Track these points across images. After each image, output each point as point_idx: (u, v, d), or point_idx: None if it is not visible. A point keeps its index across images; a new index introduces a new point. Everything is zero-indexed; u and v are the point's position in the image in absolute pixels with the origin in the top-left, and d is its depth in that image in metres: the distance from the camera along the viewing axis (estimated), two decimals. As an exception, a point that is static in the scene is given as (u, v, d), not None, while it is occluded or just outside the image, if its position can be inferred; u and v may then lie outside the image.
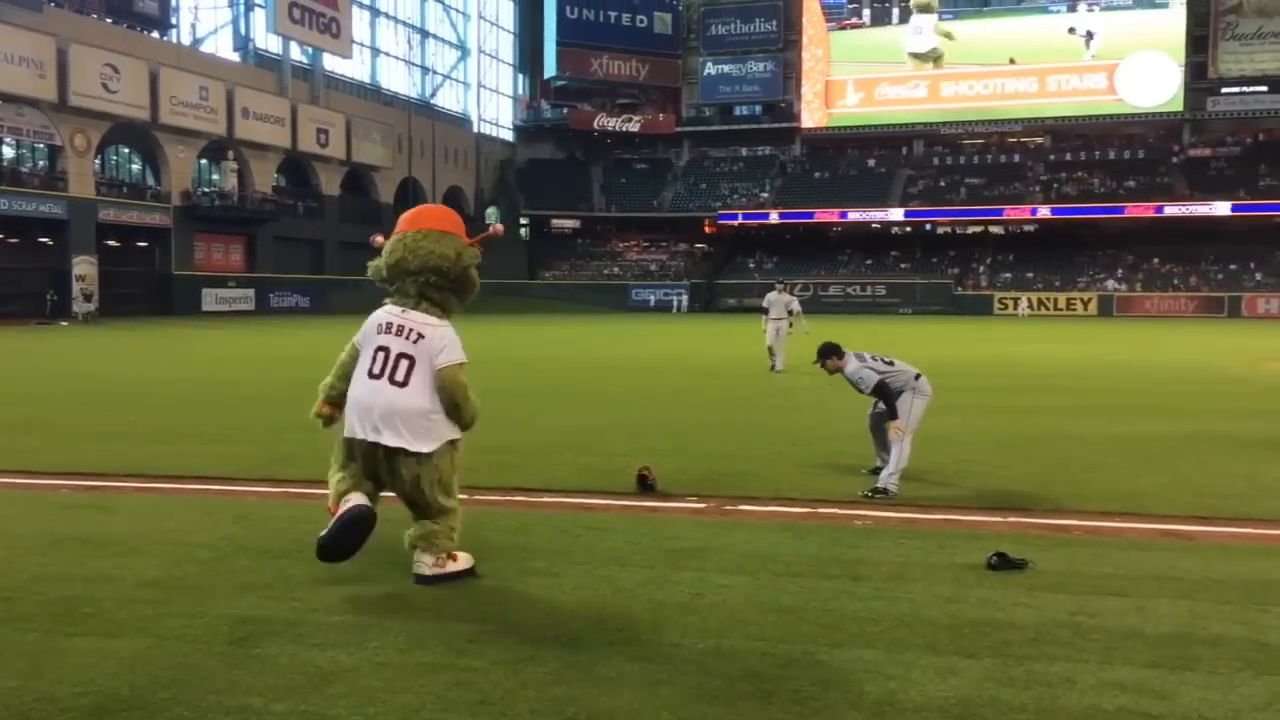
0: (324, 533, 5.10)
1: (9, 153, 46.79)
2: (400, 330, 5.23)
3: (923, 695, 3.84)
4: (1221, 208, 62.17)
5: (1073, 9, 70.69)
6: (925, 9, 72.42)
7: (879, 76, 74.15)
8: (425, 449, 5.13)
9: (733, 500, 7.40)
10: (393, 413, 5.12)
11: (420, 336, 5.22)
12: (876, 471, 7.98)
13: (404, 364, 5.17)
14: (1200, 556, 5.91)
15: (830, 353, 8.15)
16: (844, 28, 75.42)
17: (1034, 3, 72.44)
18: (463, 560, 5.38)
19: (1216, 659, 4.24)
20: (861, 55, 74.21)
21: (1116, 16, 69.58)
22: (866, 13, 75.68)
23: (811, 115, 76.17)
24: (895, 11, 75.05)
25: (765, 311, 19.45)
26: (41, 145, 46.89)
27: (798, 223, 71.34)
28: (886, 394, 7.74)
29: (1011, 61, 70.73)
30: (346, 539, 5.06)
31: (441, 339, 5.25)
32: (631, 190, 78.54)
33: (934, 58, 72.29)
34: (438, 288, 5.36)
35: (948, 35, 72.02)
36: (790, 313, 19.32)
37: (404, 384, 5.14)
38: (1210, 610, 4.89)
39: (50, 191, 45.75)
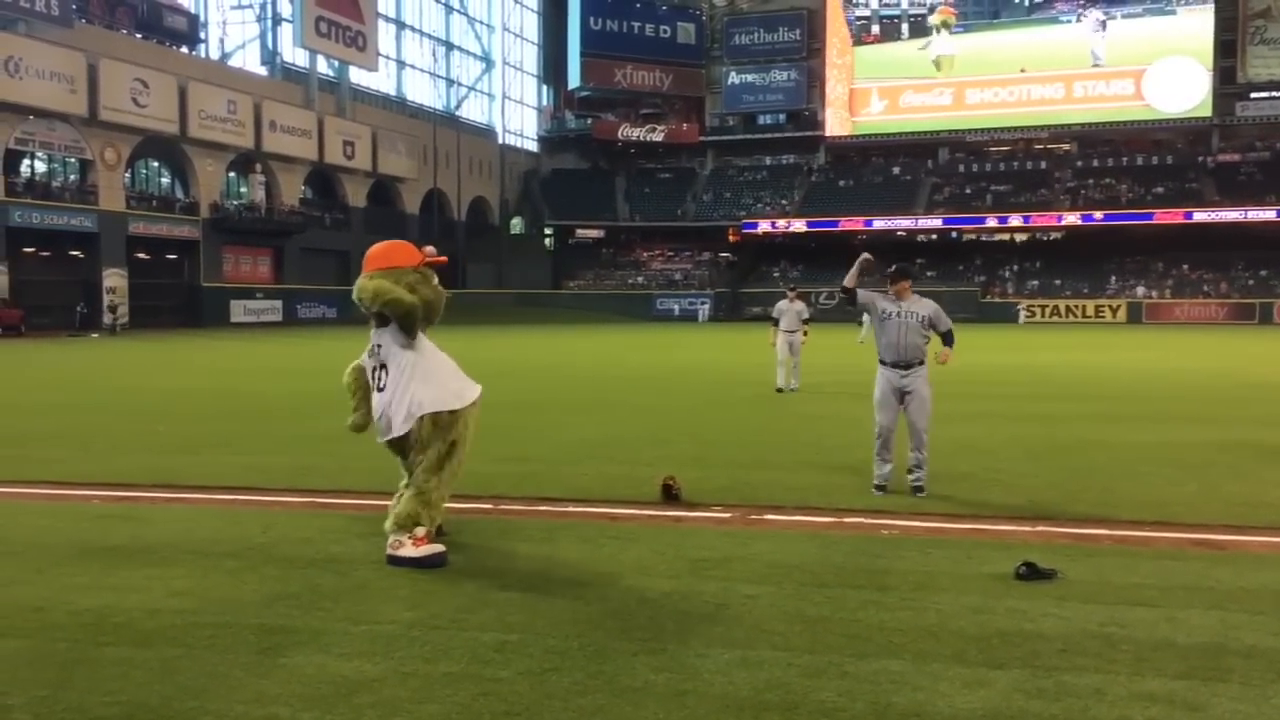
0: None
1: (40, 167, 47.44)
2: (373, 351, 6.16)
3: (950, 707, 3.81)
4: (1252, 213, 61.53)
5: (1081, 20, 70.14)
6: (945, 26, 72.31)
7: (903, 84, 73.92)
8: (403, 430, 5.99)
9: (758, 510, 7.38)
10: (383, 413, 6.06)
11: (379, 346, 6.11)
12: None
13: (380, 373, 6.10)
14: (1232, 566, 5.83)
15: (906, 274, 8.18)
16: (863, 43, 75.26)
17: (1044, 13, 71.98)
18: (423, 549, 5.76)
19: (1249, 670, 4.19)
20: (881, 71, 74.01)
21: (1142, 23, 69.04)
22: (875, 28, 75.48)
23: (836, 123, 76.00)
24: (905, 27, 74.81)
25: (775, 323, 17.07)
26: (72, 159, 47.51)
27: (822, 231, 71.11)
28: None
29: (1022, 71, 70.40)
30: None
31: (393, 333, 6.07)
32: (655, 200, 78.59)
33: (950, 65, 72.35)
34: (390, 317, 6.06)
35: (944, 60, 72.26)
36: (805, 321, 17.13)
37: (381, 389, 6.08)
38: (1243, 621, 4.82)
39: (81, 205, 46.33)
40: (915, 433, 7.95)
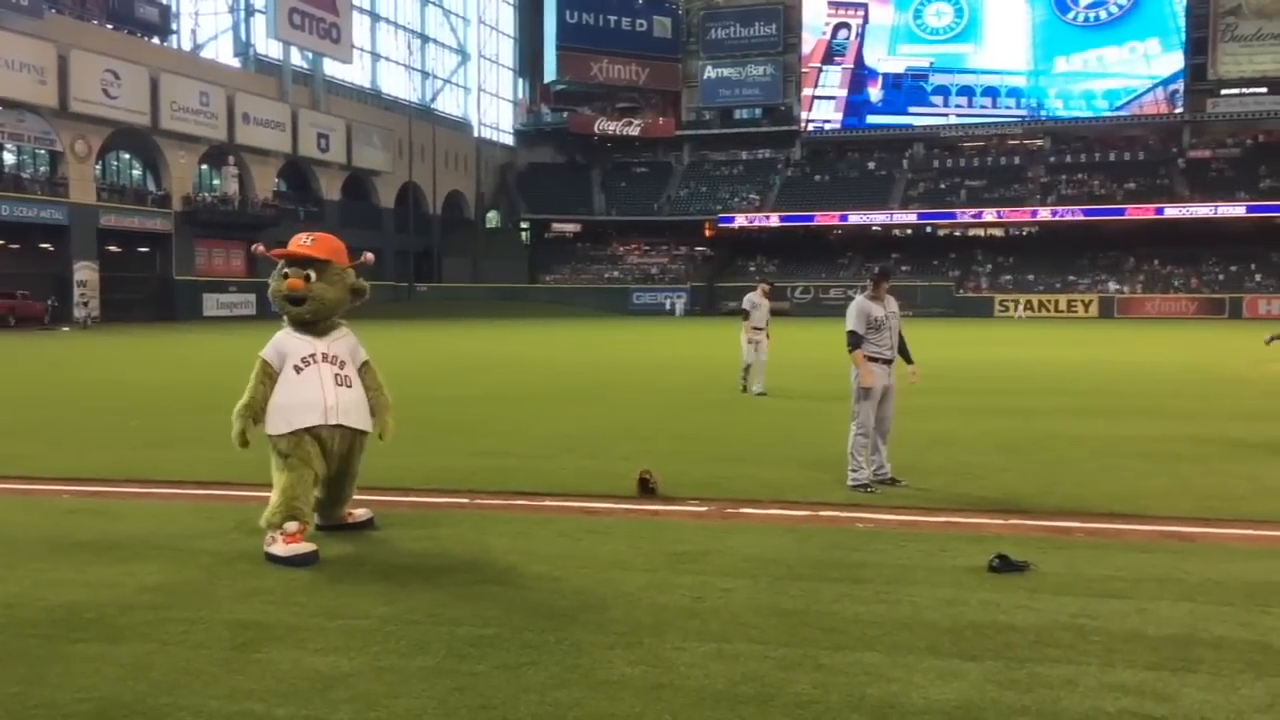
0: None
1: (10, 159, 46.82)
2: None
3: (924, 698, 3.83)
4: (1222, 209, 62.19)
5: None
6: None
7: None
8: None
9: (734, 503, 7.40)
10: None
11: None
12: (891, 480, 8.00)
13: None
14: (1202, 558, 5.90)
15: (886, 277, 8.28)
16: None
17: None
18: (287, 547, 5.73)
19: (1219, 661, 4.24)
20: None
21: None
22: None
23: (812, 118, 76.23)
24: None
25: (745, 316, 15.73)
26: (42, 151, 46.95)
27: (798, 226, 71.33)
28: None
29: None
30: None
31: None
32: (632, 194, 78.55)
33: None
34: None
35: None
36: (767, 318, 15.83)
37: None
38: (1212, 612, 4.88)
39: (51, 197, 45.81)
40: (887, 428, 8.07)
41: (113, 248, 48.93)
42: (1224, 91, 68.44)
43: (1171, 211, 63.18)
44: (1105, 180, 68.13)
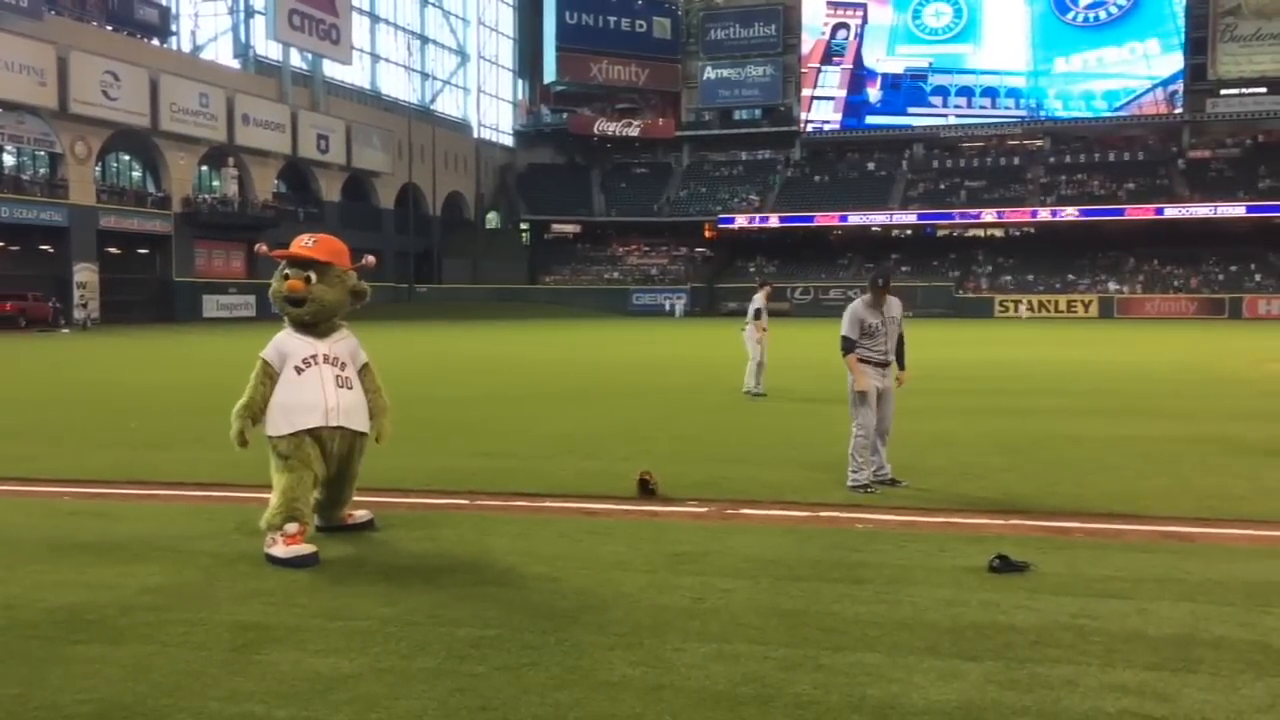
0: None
1: (10, 160, 46.85)
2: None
3: (924, 699, 3.83)
4: (1222, 209, 62.21)
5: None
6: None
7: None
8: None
9: (734, 504, 7.40)
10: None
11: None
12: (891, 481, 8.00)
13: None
14: (1202, 558, 5.90)
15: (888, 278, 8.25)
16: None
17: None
18: (287, 548, 5.73)
19: (1219, 661, 4.24)
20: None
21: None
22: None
23: (811, 118, 76.23)
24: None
25: (756, 316, 15.62)
26: (42, 153, 46.98)
27: (798, 226, 71.35)
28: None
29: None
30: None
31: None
32: (631, 194, 78.57)
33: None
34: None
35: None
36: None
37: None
38: (1212, 612, 4.88)
39: (51, 199, 45.84)
40: (886, 429, 8.06)
41: (112, 249, 48.99)
42: (1223, 91, 68.47)
43: (1171, 211, 63.21)
44: (1105, 180, 68.15)
